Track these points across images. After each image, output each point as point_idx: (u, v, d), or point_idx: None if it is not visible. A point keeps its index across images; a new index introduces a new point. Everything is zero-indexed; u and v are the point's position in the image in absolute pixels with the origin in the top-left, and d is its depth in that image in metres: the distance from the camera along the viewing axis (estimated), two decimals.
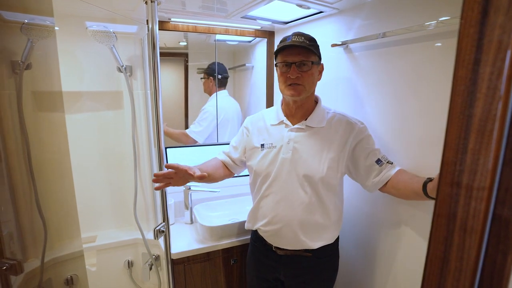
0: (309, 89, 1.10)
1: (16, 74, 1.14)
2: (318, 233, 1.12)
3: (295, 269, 1.17)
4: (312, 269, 1.16)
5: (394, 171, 1.07)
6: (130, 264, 1.68)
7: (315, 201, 1.10)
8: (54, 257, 1.31)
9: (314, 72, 1.09)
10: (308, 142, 1.12)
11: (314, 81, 1.11)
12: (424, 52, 1.02)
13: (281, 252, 1.16)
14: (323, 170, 1.08)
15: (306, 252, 1.14)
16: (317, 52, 1.09)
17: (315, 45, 1.09)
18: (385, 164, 1.09)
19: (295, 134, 1.13)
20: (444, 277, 0.40)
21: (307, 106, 1.15)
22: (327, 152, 1.10)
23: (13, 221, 1.12)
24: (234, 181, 1.92)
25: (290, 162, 1.11)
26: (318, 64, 1.11)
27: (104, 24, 1.43)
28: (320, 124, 1.13)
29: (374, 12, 1.21)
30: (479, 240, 0.37)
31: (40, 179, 1.21)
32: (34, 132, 1.20)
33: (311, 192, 1.09)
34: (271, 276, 1.23)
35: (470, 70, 0.35)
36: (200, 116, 1.90)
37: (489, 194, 0.35)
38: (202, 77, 1.91)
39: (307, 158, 1.10)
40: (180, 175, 1.06)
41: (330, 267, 1.21)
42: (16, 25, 1.12)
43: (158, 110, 1.12)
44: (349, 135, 1.11)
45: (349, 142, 1.10)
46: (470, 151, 0.36)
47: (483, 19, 0.34)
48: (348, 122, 1.13)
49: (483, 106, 0.34)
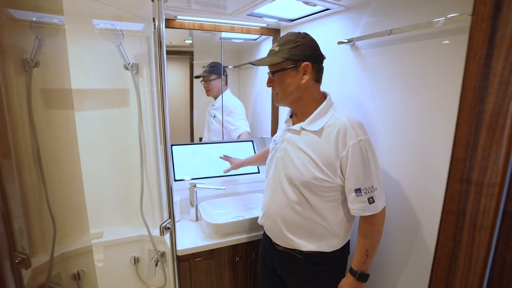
0: (285, 95, 1.09)
1: (25, 71, 1.15)
2: (310, 236, 1.10)
3: (289, 267, 1.18)
4: (305, 273, 1.14)
5: (364, 214, 1.02)
6: (136, 260, 1.70)
7: (301, 202, 1.08)
8: (63, 252, 1.33)
9: (285, 78, 1.06)
10: (297, 145, 1.10)
11: (286, 87, 1.07)
12: (432, 49, 1.01)
13: (278, 246, 1.19)
14: (306, 174, 1.04)
15: (298, 254, 1.13)
16: (288, 56, 1.03)
17: (285, 48, 1.04)
18: (363, 197, 1.00)
19: (289, 135, 1.14)
20: (453, 274, 0.40)
21: (302, 109, 1.12)
22: (315, 157, 1.04)
23: (23, 216, 1.14)
24: (239, 179, 1.92)
25: (281, 162, 1.14)
26: (295, 67, 1.04)
27: (111, 22, 1.44)
28: (314, 128, 1.06)
29: (381, 9, 1.20)
30: (489, 237, 0.36)
31: (49, 175, 1.22)
32: (44, 129, 1.21)
33: (296, 192, 1.09)
34: (272, 267, 1.27)
35: (481, 65, 0.35)
36: (236, 117, 1.96)
37: (500, 191, 0.35)
38: (212, 78, 1.90)
39: (294, 160, 1.09)
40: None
41: (329, 277, 1.14)
42: (26, 23, 1.13)
43: (164, 107, 1.12)
44: (343, 146, 1.00)
45: (341, 154, 1.01)
46: (481, 148, 0.36)
47: (495, 14, 0.33)
48: (347, 132, 1.00)
49: (494, 102, 0.34)
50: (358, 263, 1.06)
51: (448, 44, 0.96)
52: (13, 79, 1.14)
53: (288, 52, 1.04)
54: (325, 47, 1.49)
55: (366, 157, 1.00)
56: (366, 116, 1.29)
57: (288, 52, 1.04)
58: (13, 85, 1.14)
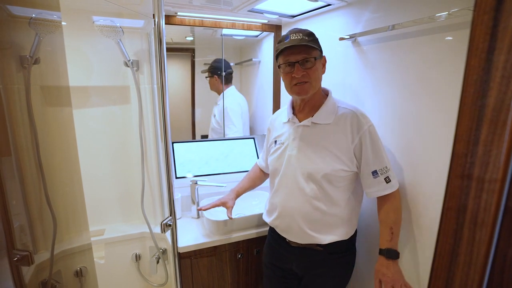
0: (316, 85, 1.09)
1: (24, 68, 1.15)
2: (327, 228, 1.12)
3: (307, 262, 1.18)
4: (324, 264, 1.16)
5: (383, 193, 1.07)
6: (137, 257, 1.71)
7: (321, 197, 1.10)
8: (63, 249, 1.34)
9: (318, 67, 1.07)
10: (313, 139, 1.11)
11: (319, 76, 1.10)
12: (435, 44, 1.00)
13: (294, 244, 1.18)
14: (326, 167, 1.07)
15: (318, 246, 1.15)
16: (318, 46, 1.07)
17: (314, 39, 1.07)
18: (380, 177, 1.07)
19: (301, 131, 1.14)
20: (453, 271, 0.39)
21: (314, 102, 1.15)
22: (332, 149, 1.08)
23: (24, 214, 1.14)
24: (240, 177, 1.92)
25: (296, 159, 1.13)
26: (320, 58, 1.09)
27: (110, 19, 1.44)
28: (327, 121, 1.11)
29: (383, 4, 1.19)
30: (490, 233, 0.36)
31: (48, 173, 1.22)
32: (43, 126, 1.21)
33: (316, 188, 1.10)
34: (284, 266, 1.26)
35: (483, 59, 0.34)
36: (230, 119, 1.94)
37: (501, 187, 0.34)
38: (206, 76, 1.91)
39: (311, 156, 1.10)
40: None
41: (344, 264, 1.19)
42: (24, 20, 1.13)
43: (164, 104, 1.12)
44: (356, 134, 1.07)
45: (355, 141, 1.07)
46: (482, 143, 0.35)
47: (498, 5, 0.33)
48: (357, 120, 1.08)
49: (496, 96, 0.33)
50: (385, 242, 1.07)
51: (451, 38, 0.95)
52: (14, 76, 1.14)
53: (317, 42, 1.08)
54: (327, 43, 1.49)
55: (376, 141, 1.07)
56: (368, 112, 1.27)
57: (317, 42, 1.08)
58: (14, 82, 1.14)
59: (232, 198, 1.39)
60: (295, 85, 1.08)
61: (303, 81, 1.06)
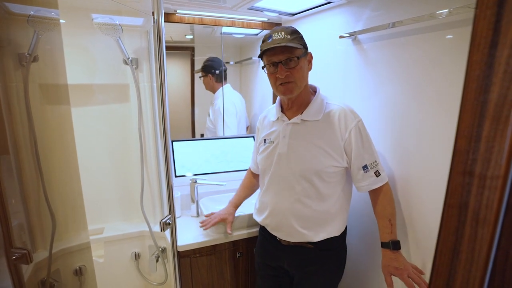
0: (301, 84, 1.08)
1: (23, 66, 1.14)
2: (318, 226, 1.12)
3: (298, 260, 1.18)
4: (315, 261, 1.16)
5: (374, 187, 1.09)
6: (137, 256, 1.70)
7: (312, 194, 1.10)
8: (62, 248, 1.33)
9: (302, 66, 1.06)
10: (303, 137, 1.11)
11: (304, 75, 1.08)
12: (436, 42, 1.00)
13: (285, 242, 1.18)
14: (317, 164, 1.07)
15: (309, 244, 1.15)
16: (301, 44, 1.05)
17: (297, 37, 1.06)
18: (370, 171, 1.08)
19: (290, 129, 1.14)
20: (455, 268, 0.39)
21: (302, 99, 1.14)
22: (322, 145, 1.08)
23: (22, 212, 1.14)
24: (239, 175, 1.92)
25: (286, 157, 1.13)
26: (305, 55, 1.08)
27: (110, 16, 1.43)
28: (316, 117, 1.11)
29: (383, 2, 1.18)
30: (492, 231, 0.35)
31: (47, 171, 1.22)
32: (41, 124, 1.20)
33: (307, 185, 1.10)
34: (276, 264, 1.25)
35: (486, 54, 0.34)
36: (224, 119, 1.93)
37: (504, 183, 0.34)
38: (200, 75, 1.89)
39: (302, 153, 1.10)
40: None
41: (335, 261, 1.20)
42: (23, 17, 1.12)
43: (164, 103, 1.11)
44: (346, 129, 1.07)
45: (344, 137, 1.07)
46: (484, 139, 0.35)
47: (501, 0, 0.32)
48: (346, 116, 1.08)
49: (499, 91, 0.33)
50: (386, 235, 1.08)
51: (452, 35, 0.95)
52: (12, 74, 1.13)
53: (301, 40, 1.07)
54: (327, 41, 1.48)
55: (365, 136, 1.08)
56: (368, 110, 1.27)
57: (301, 40, 1.07)
58: (12, 80, 1.13)
59: (231, 213, 1.41)
60: (280, 85, 1.07)
61: (287, 81, 1.06)
